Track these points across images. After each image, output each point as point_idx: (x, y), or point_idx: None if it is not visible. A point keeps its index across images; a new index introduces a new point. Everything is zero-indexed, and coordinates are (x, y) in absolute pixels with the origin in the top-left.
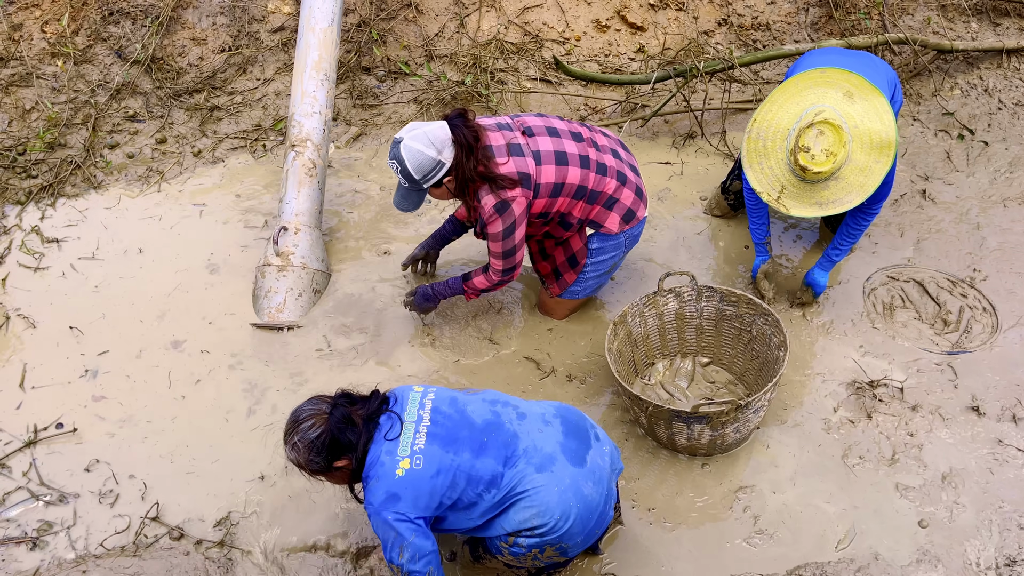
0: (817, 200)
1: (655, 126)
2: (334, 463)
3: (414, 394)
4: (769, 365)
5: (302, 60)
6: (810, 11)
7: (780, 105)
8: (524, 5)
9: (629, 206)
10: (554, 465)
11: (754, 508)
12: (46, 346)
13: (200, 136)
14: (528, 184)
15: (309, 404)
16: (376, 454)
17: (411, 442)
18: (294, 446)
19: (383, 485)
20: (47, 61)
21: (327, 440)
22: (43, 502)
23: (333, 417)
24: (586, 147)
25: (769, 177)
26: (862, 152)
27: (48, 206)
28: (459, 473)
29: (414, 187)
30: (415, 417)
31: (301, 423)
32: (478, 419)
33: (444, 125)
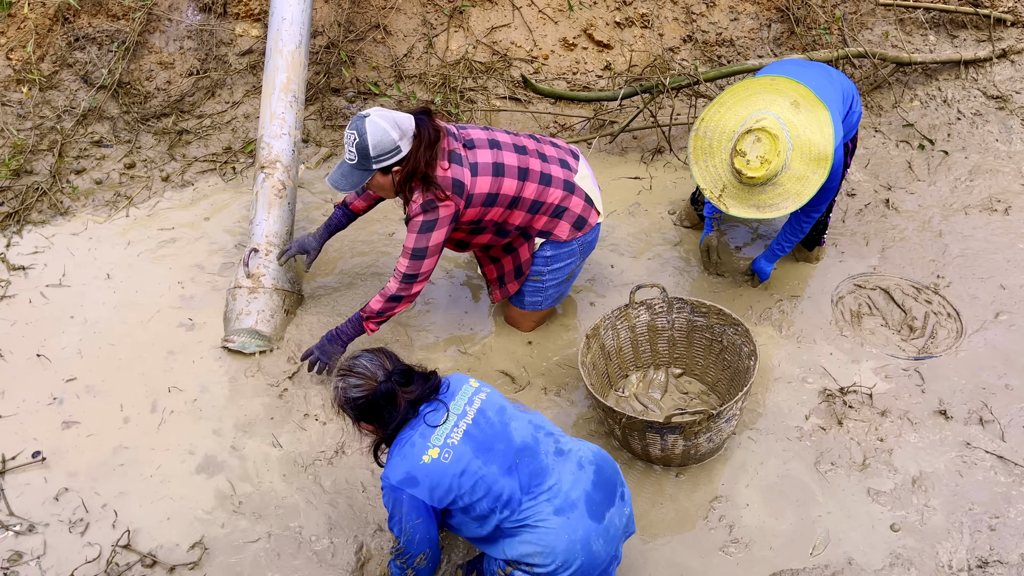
0: (755, 203)
1: (624, 142)
2: (362, 423)
3: (467, 387)
4: (740, 375)
5: (270, 82)
6: (772, 27)
7: (728, 108)
8: (492, 25)
9: (579, 213)
10: (573, 512)
11: (729, 517)
12: (13, 374)
13: (169, 160)
14: (460, 192)
15: (368, 361)
16: (410, 434)
17: (447, 434)
18: (336, 387)
19: (406, 465)
20: (12, 88)
21: (363, 405)
22: (12, 532)
23: (379, 390)
24: (529, 159)
25: (712, 175)
26: (801, 161)
27: (14, 233)
28: (481, 482)
29: (362, 165)
30: (460, 411)
31: (352, 375)
32: (517, 438)
33: (410, 117)
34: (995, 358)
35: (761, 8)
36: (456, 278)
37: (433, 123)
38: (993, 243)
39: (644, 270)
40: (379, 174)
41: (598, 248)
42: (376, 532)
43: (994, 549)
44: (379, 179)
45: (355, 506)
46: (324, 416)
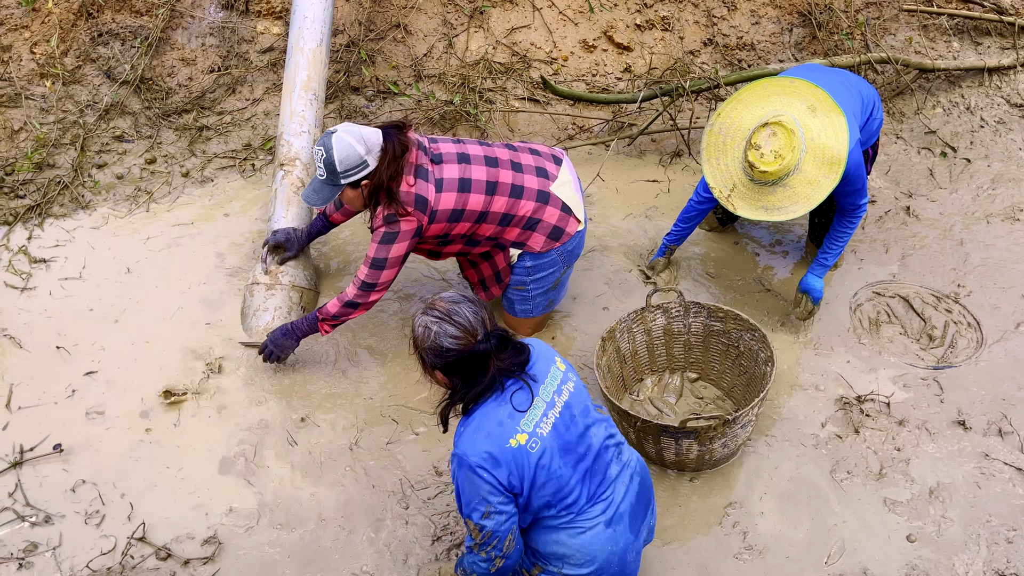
0: (763, 204)
1: (642, 144)
2: (438, 375)
3: (555, 371)
4: (756, 380)
5: (291, 80)
6: (794, 31)
7: (745, 105)
8: (512, 26)
9: (555, 224)
10: (619, 526)
11: (743, 524)
12: (33, 366)
13: (189, 156)
14: (423, 208)
15: (471, 313)
16: (495, 411)
17: (536, 422)
18: (426, 330)
19: (489, 444)
20: (36, 82)
21: (452, 360)
22: (29, 523)
23: (475, 349)
24: (500, 171)
25: (723, 174)
26: (813, 165)
27: (36, 226)
28: (554, 481)
29: (331, 180)
30: (548, 398)
31: (450, 323)
32: (595, 444)
33: (379, 132)
34: (1015, 369)
35: (783, 12)
36: None
37: (400, 137)
38: (1015, 252)
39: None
40: (348, 188)
41: (614, 251)
42: (393, 527)
43: (1011, 562)
44: (349, 193)
45: (370, 499)
46: (339, 412)
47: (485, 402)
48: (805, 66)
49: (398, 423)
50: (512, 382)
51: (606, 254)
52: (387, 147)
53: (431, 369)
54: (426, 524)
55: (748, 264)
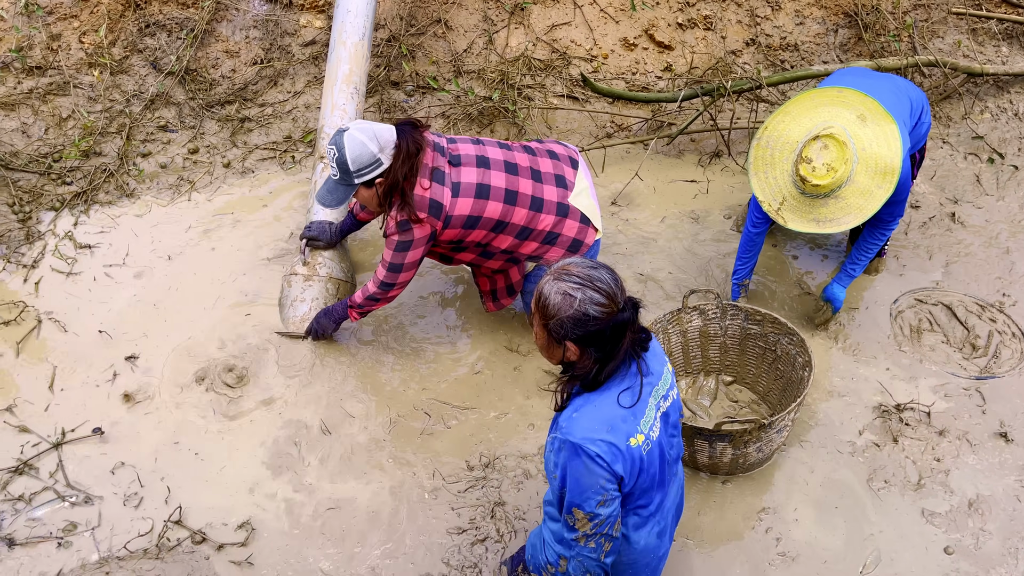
0: (815, 216)
1: (681, 144)
2: (571, 347)
3: (667, 375)
4: (793, 385)
5: (333, 73)
6: (839, 32)
7: (793, 117)
8: (552, 23)
9: (574, 237)
10: (665, 536)
11: (777, 529)
12: (76, 349)
13: (231, 147)
14: (437, 214)
15: (611, 279)
16: (615, 405)
17: (651, 424)
18: (567, 297)
19: (612, 436)
20: (84, 71)
21: (593, 331)
22: (69, 503)
23: (617, 319)
24: (520, 180)
25: (772, 187)
26: (866, 175)
27: (81, 212)
28: (649, 484)
29: (344, 180)
30: (657, 401)
31: (594, 289)
32: (674, 455)
33: (392, 128)
34: None
35: (828, 13)
36: None
37: (414, 135)
38: None
39: (698, 275)
40: (363, 188)
41: (651, 252)
42: (423, 518)
43: None
44: (363, 193)
45: (401, 491)
46: (372, 404)
47: (606, 388)
48: (851, 70)
49: (431, 416)
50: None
51: (642, 254)
52: (401, 145)
53: (562, 340)
54: (454, 517)
55: (786, 267)
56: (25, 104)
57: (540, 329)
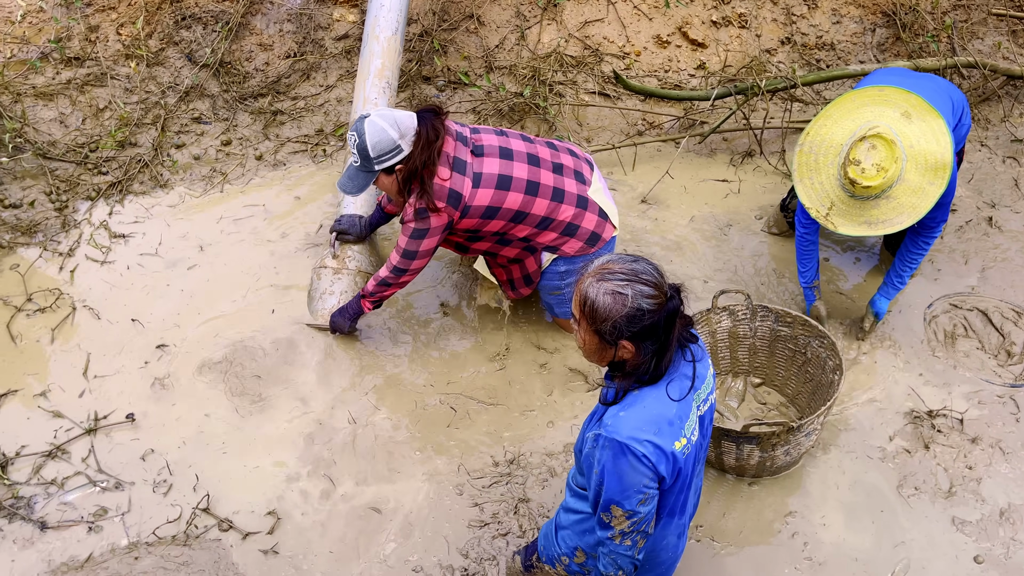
0: (866, 219)
1: (713, 143)
2: (626, 344)
3: (710, 379)
4: (823, 389)
5: (365, 67)
6: (876, 32)
7: (835, 120)
8: (585, 19)
9: (593, 230)
10: (683, 537)
11: (803, 534)
12: (109, 337)
13: (263, 139)
14: (456, 204)
15: (654, 270)
16: (664, 407)
17: (693, 429)
18: (618, 296)
19: (658, 439)
20: (121, 62)
21: (648, 324)
22: (100, 488)
23: (671, 304)
24: (542, 172)
25: (819, 192)
26: (916, 173)
27: (116, 202)
28: (685, 486)
29: (365, 167)
30: (697, 406)
31: (641, 282)
32: (701, 456)
33: (413, 115)
34: None
35: (866, 12)
36: None
37: (434, 122)
38: None
39: (728, 275)
40: (383, 175)
41: (680, 251)
42: (447, 512)
43: None
44: (384, 180)
45: (426, 485)
46: (399, 398)
47: (656, 390)
48: (890, 70)
49: (456, 411)
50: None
51: (671, 254)
52: (421, 131)
53: (616, 339)
54: (477, 512)
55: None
56: (63, 94)
57: (590, 335)
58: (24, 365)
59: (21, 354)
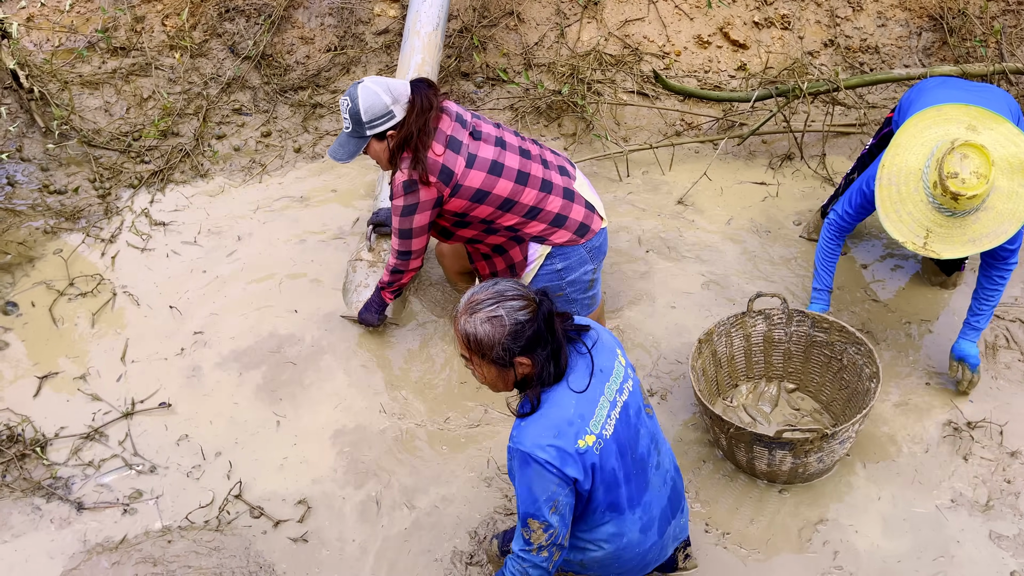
0: (970, 237)
1: (752, 145)
2: (521, 360)
3: (619, 368)
4: (859, 396)
5: (405, 62)
6: (923, 36)
7: (906, 148)
8: (626, 18)
9: (581, 221)
10: (651, 530)
11: (834, 543)
12: (147, 323)
13: (302, 132)
14: (447, 180)
15: (512, 283)
16: (563, 409)
17: (602, 423)
18: (494, 320)
19: (558, 441)
20: (165, 53)
21: (531, 334)
22: (135, 471)
23: (543, 308)
24: (531, 164)
25: (910, 223)
26: (1005, 178)
27: (158, 191)
28: (609, 483)
29: (356, 132)
30: (611, 397)
31: (509, 299)
32: (640, 449)
33: (407, 84)
34: None
35: (912, 15)
36: None
37: (428, 92)
38: None
39: (764, 280)
40: (374, 141)
41: (716, 254)
42: (476, 505)
43: None
44: (375, 146)
45: (455, 478)
46: (430, 392)
47: (556, 392)
48: (940, 81)
49: (487, 411)
50: (577, 364)
51: (706, 256)
52: (415, 99)
53: (511, 360)
54: (507, 503)
55: (855, 274)
56: (108, 83)
57: (486, 367)
58: (65, 348)
59: (62, 337)
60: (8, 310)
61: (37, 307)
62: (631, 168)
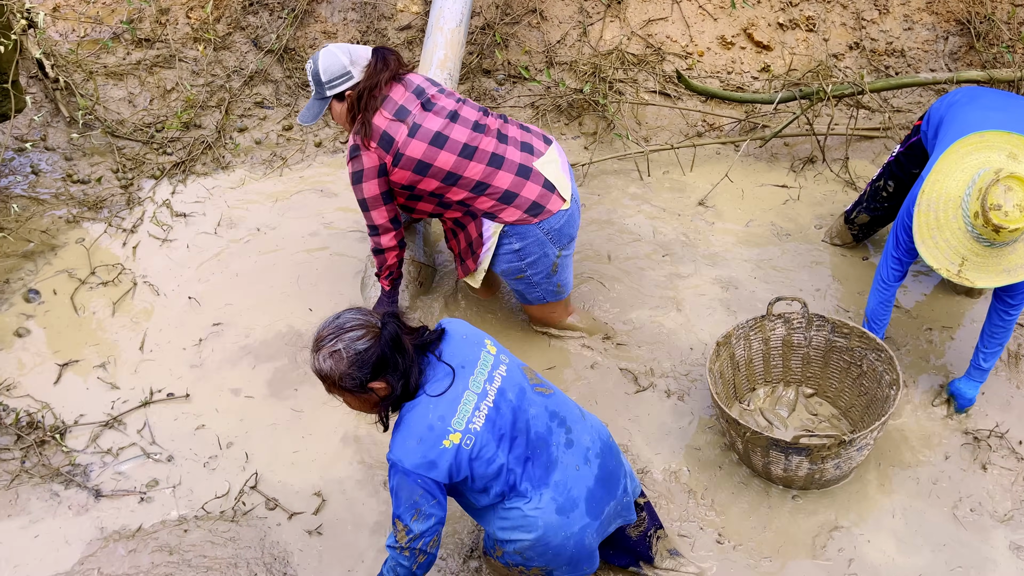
0: (1005, 267)
1: (773, 148)
2: (370, 383)
3: (486, 357)
4: (878, 403)
5: (428, 58)
6: (949, 40)
7: (946, 174)
8: (649, 17)
9: (534, 199)
10: (574, 512)
11: (849, 550)
12: (166, 314)
13: (323, 126)
14: (387, 147)
15: (355, 313)
16: (426, 414)
17: (468, 418)
18: (335, 354)
19: (423, 449)
20: (189, 45)
21: (376, 360)
22: (153, 460)
23: (385, 332)
24: (483, 138)
25: (946, 250)
26: None
27: (179, 182)
28: (498, 471)
29: (318, 93)
30: (480, 389)
31: (348, 331)
32: (533, 428)
33: (369, 49)
34: None
35: (939, 19)
36: (587, 275)
37: (387, 56)
38: None
39: (784, 283)
40: (335, 102)
41: (736, 256)
42: None
43: None
44: (336, 107)
45: None
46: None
47: (413, 402)
48: (972, 93)
49: None
50: (434, 363)
51: (726, 258)
52: (372, 62)
53: (364, 387)
54: None
55: None
56: (133, 75)
57: (345, 396)
58: (85, 336)
59: (83, 325)
60: (30, 298)
61: (59, 295)
62: (652, 168)
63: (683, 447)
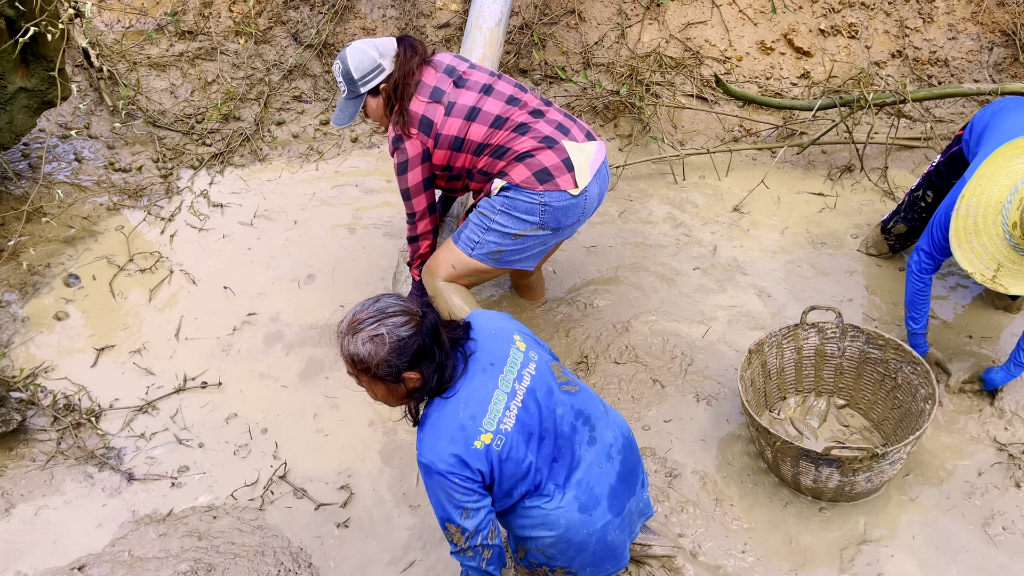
0: None
1: (811, 155)
2: (410, 375)
3: (515, 355)
4: (911, 417)
5: (466, 56)
6: (994, 51)
7: (989, 178)
8: (688, 20)
9: (547, 166)
10: (595, 510)
11: (878, 565)
12: (201, 302)
13: (359, 122)
14: (428, 131)
15: (395, 299)
16: (456, 414)
17: (499, 418)
18: (376, 338)
19: (455, 449)
20: (231, 38)
21: (417, 345)
22: (185, 446)
23: (426, 321)
24: (516, 111)
25: (982, 255)
26: None
27: (217, 173)
28: (526, 471)
29: (351, 92)
30: (509, 388)
31: (390, 316)
32: (560, 427)
33: (393, 40)
34: None
35: (984, 29)
36: (625, 279)
37: (412, 42)
38: None
39: (818, 292)
40: (370, 98)
41: (770, 264)
42: None
43: None
44: (371, 104)
45: None
46: None
47: (443, 400)
48: (1017, 102)
49: None
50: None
51: (761, 266)
52: (400, 51)
53: (398, 377)
54: None
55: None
56: (175, 66)
57: (373, 384)
58: (122, 322)
59: (120, 311)
60: (70, 282)
61: (98, 280)
62: (687, 172)
63: (712, 454)
